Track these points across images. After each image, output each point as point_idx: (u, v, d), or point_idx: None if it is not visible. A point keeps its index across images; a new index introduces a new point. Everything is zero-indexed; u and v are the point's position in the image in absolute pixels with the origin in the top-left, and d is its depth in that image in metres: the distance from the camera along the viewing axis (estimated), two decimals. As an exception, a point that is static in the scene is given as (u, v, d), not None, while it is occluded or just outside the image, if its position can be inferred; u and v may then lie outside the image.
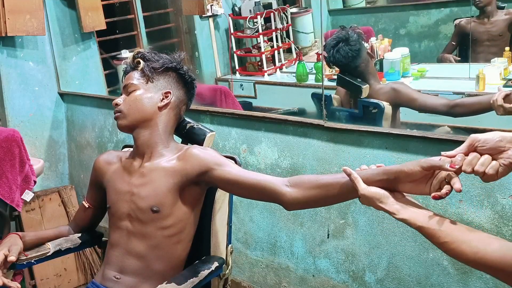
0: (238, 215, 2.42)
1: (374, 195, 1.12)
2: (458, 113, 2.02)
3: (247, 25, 3.38)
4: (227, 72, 3.55)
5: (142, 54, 1.59)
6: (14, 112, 3.06)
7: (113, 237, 1.57)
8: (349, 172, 1.17)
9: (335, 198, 1.27)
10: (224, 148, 2.42)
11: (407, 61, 2.57)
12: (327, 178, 1.27)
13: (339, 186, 1.23)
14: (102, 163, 1.65)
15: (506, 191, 1.65)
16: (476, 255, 0.95)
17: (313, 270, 2.22)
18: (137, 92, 1.55)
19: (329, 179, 1.26)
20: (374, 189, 1.13)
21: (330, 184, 1.25)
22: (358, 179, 1.15)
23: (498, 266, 0.93)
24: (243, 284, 2.51)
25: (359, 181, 1.15)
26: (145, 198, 1.50)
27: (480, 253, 0.95)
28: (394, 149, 1.86)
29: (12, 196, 2.50)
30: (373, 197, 1.12)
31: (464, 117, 2.00)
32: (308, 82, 3.07)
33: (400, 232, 1.92)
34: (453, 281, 1.82)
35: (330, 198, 1.27)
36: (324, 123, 2.04)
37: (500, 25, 2.45)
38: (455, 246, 0.98)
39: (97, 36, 3.32)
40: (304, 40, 3.46)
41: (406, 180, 1.10)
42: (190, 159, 1.48)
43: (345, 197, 1.25)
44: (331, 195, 1.26)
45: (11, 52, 3.01)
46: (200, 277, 1.46)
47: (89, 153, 3.21)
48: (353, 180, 1.16)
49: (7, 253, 1.52)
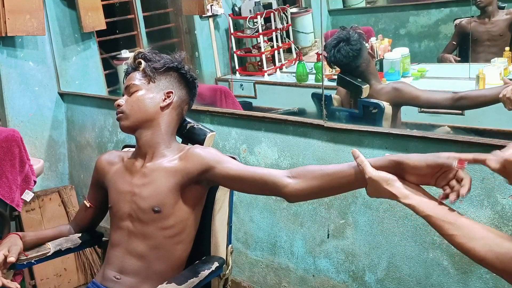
0: (238, 215, 2.42)
1: (382, 177, 1.10)
2: (464, 106, 2.01)
3: (247, 25, 3.38)
4: (227, 72, 3.54)
5: (143, 54, 1.59)
6: (14, 112, 3.06)
7: (114, 237, 1.57)
8: (357, 155, 1.16)
9: (340, 188, 1.25)
10: (224, 148, 2.42)
11: (407, 61, 2.57)
12: (332, 168, 1.26)
13: (345, 175, 1.22)
14: (104, 163, 1.65)
15: (506, 191, 1.65)
16: (487, 254, 0.94)
17: (313, 270, 2.22)
18: (139, 93, 1.55)
19: (334, 168, 1.25)
20: (381, 173, 1.11)
21: (335, 173, 1.24)
22: (366, 162, 1.14)
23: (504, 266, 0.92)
24: (243, 284, 2.51)
25: (367, 164, 1.14)
26: (147, 198, 1.50)
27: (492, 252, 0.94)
28: (394, 149, 1.86)
29: (12, 196, 2.50)
30: (381, 179, 1.10)
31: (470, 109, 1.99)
32: (308, 82, 3.07)
33: (400, 232, 1.92)
34: (453, 281, 1.82)
35: (334, 188, 1.26)
36: (324, 123, 2.04)
37: (500, 25, 2.45)
38: (464, 241, 0.97)
39: (97, 36, 3.32)
40: (304, 40, 3.46)
41: (411, 172, 1.10)
42: (191, 158, 1.48)
43: (351, 186, 1.23)
44: (336, 185, 1.24)
45: (11, 52, 3.01)
46: (200, 277, 1.46)
47: (89, 153, 3.21)
48: (361, 163, 1.14)
49: (7, 254, 1.52)
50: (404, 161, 1.11)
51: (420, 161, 1.07)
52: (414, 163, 1.08)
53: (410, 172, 1.10)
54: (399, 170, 1.12)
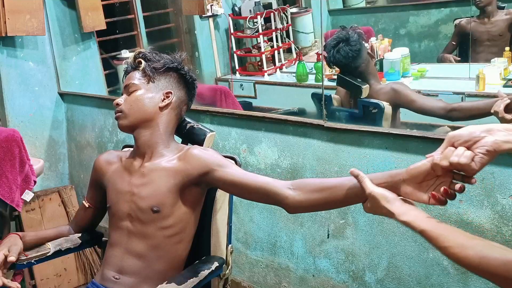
0: (238, 215, 2.42)
1: (382, 195, 1.12)
2: (455, 118, 2.03)
3: (247, 25, 3.38)
4: (227, 72, 3.55)
5: (143, 54, 1.60)
6: (14, 112, 3.06)
7: (113, 237, 1.57)
8: (356, 173, 1.17)
9: (340, 202, 1.27)
10: (224, 148, 2.42)
11: (407, 61, 2.57)
12: (332, 181, 1.27)
13: (345, 189, 1.23)
14: (102, 163, 1.65)
15: (506, 191, 1.65)
16: (481, 260, 0.95)
17: (313, 270, 2.22)
18: (138, 92, 1.55)
19: (334, 182, 1.26)
20: (382, 190, 1.13)
21: (335, 187, 1.25)
22: (366, 178, 1.15)
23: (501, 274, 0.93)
24: (243, 284, 2.51)
25: (367, 180, 1.15)
26: (146, 198, 1.50)
27: (485, 258, 0.94)
28: (394, 149, 1.86)
29: (12, 196, 2.50)
30: (381, 196, 1.12)
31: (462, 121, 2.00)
32: (308, 82, 3.07)
33: (400, 232, 1.92)
34: (453, 281, 1.82)
35: (334, 202, 1.27)
36: (324, 123, 2.04)
37: (500, 25, 2.45)
38: (458, 250, 0.98)
39: (97, 36, 3.32)
40: (304, 40, 3.46)
41: (412, 181, 1.11)
42: (191, 159, 1.48)
43: (350, 200, 1.24)
44: (335, 198, 1.25)
45: (11, 52, 3.01)
46: (200, 277, 1.46)
47: (89, 153, 3.21)
48: (361, 180, 1.16)
49: (7, 253, 1.52)
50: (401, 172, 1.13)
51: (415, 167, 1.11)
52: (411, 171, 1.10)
53: (410, 182, 1.11)
54: (396, 185, 1.14)
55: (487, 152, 1.01)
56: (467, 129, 1.04)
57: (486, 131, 1.02)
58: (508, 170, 1.63)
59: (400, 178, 1.13)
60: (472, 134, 1.02)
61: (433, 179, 1.09)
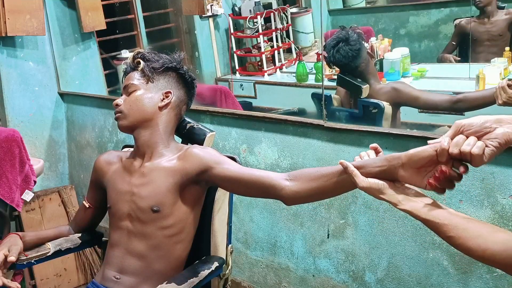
0: (238, 215, 2.42)
1: (374, 186, 1.11)
2: (462, 108, 2.02)
3: (247, 25, 3.38)
4: (227, 72, 3.55)
5: (142, 54, 1.60)
6: (14, 112, 3.07)
7: (113, 237, 1.57)
8: (345, 166, 1.15)
9: (337, 189, 1.25)
10: (224, 148, 2.42)
11: (407, 61, 2.57)
12: (329, 169, 1.25)
13: (339, 175, 1.21)
14: (102, 163, 1.65)
15: (506, 191, 1.65)
16: (484, 252, 0.94)
17: (313, 270, 2.22)
18: (137, 92, 1.55)
19: (331, 169, 1.24)
20: (373, 181, 1.11)
21: (330, 174, 1.23)
22: (355, 172, 1.13)
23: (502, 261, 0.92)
24: (243, 284, 2.51)
25: (357, 174, 1.13)
26: (146, 198, 1.50)
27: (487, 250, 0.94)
28: (394, 149, 1.86)
29: (12, 196, 2.50)
30: (373, 188, 1.11)
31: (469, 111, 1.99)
32: (308, 82, 3.07)
33: (400, 232, 1.92)
34: (453, 281, 1.82)
35: (332, 189, 1.25)
36: (324, 123, 2.04)
37: (500, 25, 2.45)
38: (461, 242, 0.97)
39: (97, 36, 3.33)
40: (304, 40, 3.46)
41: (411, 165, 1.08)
42: (190, 158, 1.48)
43: (348, 187, 1.22)
44: (333, 186, 1.23)
45: (11, 52, 3.01)
46: (200, 277, 1.46)
47: (89, 153, 3.21)
48: (351, 173, 1.14)
49: (7, 253, 1.52)
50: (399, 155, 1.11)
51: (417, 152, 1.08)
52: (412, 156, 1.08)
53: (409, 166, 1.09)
54: (393, 170, 1.11)
55: (498, 145, 0.98)
56: (479, 118, 1.01)
57: (497, 121, 1.00)
58: (508, 170, 1.63)
59: (399, 162, 1.10)
60: (484, 124, 0.99)
61: (432, 166, 1.07)
